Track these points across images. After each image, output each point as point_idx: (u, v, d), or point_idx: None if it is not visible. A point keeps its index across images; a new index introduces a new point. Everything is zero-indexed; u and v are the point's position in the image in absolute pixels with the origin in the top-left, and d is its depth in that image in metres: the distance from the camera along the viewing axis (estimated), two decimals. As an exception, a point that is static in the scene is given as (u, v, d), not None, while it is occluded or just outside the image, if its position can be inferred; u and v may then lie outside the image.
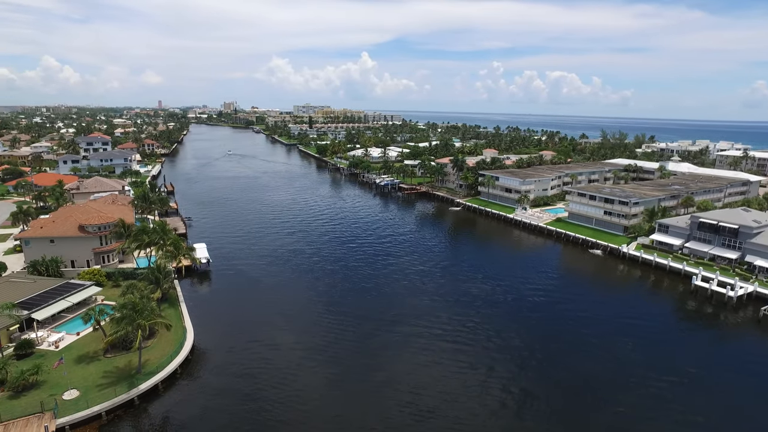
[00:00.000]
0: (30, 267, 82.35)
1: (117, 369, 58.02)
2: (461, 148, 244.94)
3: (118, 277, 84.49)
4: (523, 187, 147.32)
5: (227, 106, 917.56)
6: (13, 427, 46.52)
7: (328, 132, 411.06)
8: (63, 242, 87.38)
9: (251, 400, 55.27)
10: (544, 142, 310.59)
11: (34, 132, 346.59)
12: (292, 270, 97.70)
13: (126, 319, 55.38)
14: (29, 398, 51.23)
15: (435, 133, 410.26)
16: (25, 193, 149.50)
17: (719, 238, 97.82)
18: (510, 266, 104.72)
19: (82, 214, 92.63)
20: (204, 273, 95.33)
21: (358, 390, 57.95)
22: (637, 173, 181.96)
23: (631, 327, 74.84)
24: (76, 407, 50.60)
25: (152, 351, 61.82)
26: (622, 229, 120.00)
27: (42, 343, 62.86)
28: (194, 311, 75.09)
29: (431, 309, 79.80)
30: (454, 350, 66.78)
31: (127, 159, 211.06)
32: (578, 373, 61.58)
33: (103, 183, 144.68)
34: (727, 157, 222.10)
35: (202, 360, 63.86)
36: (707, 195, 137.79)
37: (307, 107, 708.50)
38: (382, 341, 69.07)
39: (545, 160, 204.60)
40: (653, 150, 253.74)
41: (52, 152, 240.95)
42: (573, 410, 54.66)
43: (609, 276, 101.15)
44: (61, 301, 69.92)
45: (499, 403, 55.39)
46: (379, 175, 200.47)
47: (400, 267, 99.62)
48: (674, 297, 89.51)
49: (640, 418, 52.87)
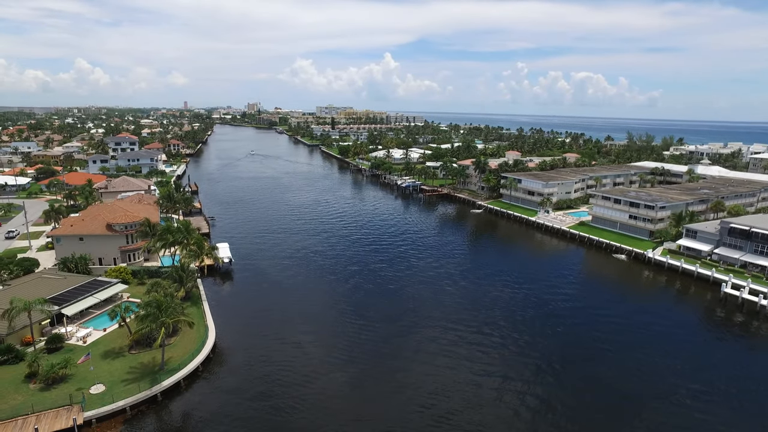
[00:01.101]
0: (60, 264, 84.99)
1: (141, 365, 59.35)
2: (483, 149, 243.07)
3: (143, 275, 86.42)
4: (546, 189, 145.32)
5: (251, 107, 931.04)
6: (45, 418, 48.07)
7: (350, 133, 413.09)
8: (92, 240, 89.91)
9: (270, 398, 55.83)
10: (568, 144, 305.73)
11: (66, 132, 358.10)
12: (314, 270, 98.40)
13: (150, 317, 56.60)
14: (58, 391, 52.86)
15: (457, 134, 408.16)
16: (57, 192, 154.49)
17: (751, 244, 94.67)
18: (533, 270, 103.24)
19: (110, 213, 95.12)
20: (226, 272, 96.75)
21: (377, 392, 57.95)
22: (664, 176, 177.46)
23: (658, 335, 73.07)
24: (102, 401, 52.00)
25: (175, 348, 63.02)
26: (647, 234, 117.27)
27: (71, 337, 64.77)
28: (216, 310, 76.29)
29: (452, 312, 79.34)
30: (476, 355, 66.20)
31: (153, 159, 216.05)
32: (605, 382, 60.34)
33: (129, 182, 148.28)
34: (762, 160, 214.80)
35: (224, 358, 64.81)
36: (739, 199, 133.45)
37: (330, 108, 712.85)
38: (402, 344, 68.98)
39: (569, 162, 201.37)
40: (682, 153, 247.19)
41: (83, 152, 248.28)
42: (599, 421, 53.62)
43: (634, 282, 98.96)
44: (89, 298, 71.97)
45: (520, 410, 54.69)
46: (401, 177, 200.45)
47: (422, 269, 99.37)
48: (702, 304, 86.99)
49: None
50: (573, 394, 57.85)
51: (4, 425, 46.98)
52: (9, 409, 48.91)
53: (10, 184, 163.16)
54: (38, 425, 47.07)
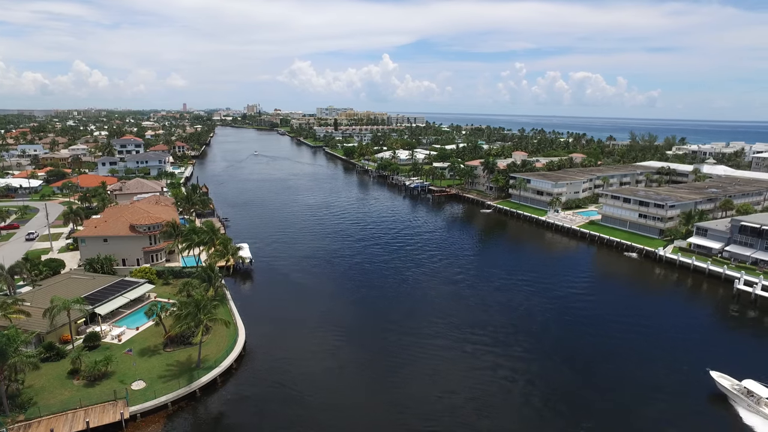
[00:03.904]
0: (86, 264, 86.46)
1: (177, 362, 60.89)
2: (489, 150, 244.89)
3: (168, 275, 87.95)
4: (556, 189, 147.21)
5: (250, 109, 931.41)
6: (93, 412, 49.69)
7: (354, 134, 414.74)
8: (115, 241, 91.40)
9: (299, 397, 57.43)
10: (572, 144, 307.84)
11: (69, 135, 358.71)
12: (332, 270, 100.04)
13: (189, 316, 58.15)
14: (102, 387, 54.43)
15: (459, 135, 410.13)
16: (70, 194, 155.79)
17: (762, 241, 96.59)
18: (546, 269, 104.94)
19: (132, 215, 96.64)
20: (246, 272, 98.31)
21: (400, 395, 59.23)
22: (670, 176, 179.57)
23: (673, 329, 74.88)
24: (145, 397, 53.59)
25: (208, 346, 64.50)
26: (657, 232, 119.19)
27: (105, 336, 66.29)
28: (242, 309, 77.84)
29: (468, 313, 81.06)
30: (498, 357, 67.85)
31: (161, 161, 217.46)
32: (624, 381, 62.08)
33: (144, 184, 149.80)
34: (765, 159, 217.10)
35: (254, 355, 66.39)
36: (746, 198, 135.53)
37: (331, 109, 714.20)
38: (422, 347, 70.08)
39: (575, 162, 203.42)
40: (685, 152, 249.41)
41: (90, 154, 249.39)
42: (618, 422, 55.36)
43: (646, 279, 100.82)
44: (119, 298, 73.52)
45: (544, 404, 56.46)
46: (409, 177, 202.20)
47: (440, 269, 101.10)
48: (715, 301, 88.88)
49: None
50: (594, 395, 59.57)
51: (57, 418, 48.61)
52: (59, 404, 50.56)
53: (24, 187, 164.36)
54: (88, 419, 48.67)
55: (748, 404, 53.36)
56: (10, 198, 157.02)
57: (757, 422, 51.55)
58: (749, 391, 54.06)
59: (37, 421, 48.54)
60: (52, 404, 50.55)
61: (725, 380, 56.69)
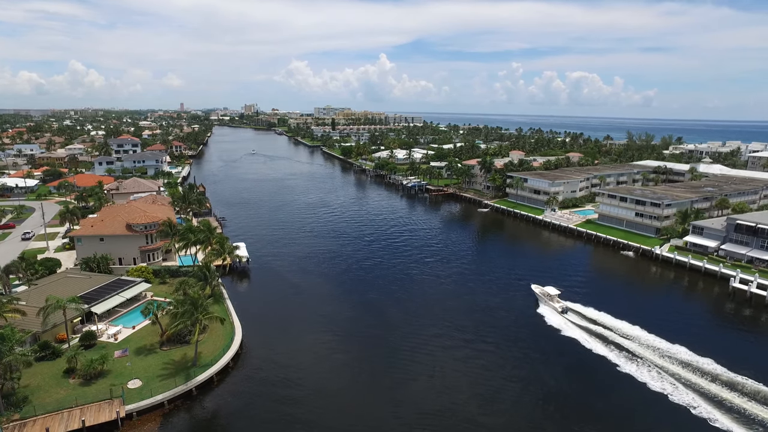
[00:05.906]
0: (82, 264, 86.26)
1: (173, 361, 60.79)
2: (486, 150, 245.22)
3: (164, 274, 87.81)
4: (553, 188, 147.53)
5: (248, 108, 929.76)
6: (89, 411, 49.58)
7: (351, 134, 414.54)
8: (112, 240, 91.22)
9: (295, 395, 57.45)
10: (569, 143, 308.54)
11: (66, 134, 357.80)
12: (329, 269, 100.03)
13: (186, 314, 58.07)
14: (98, 386, 54.30)
15: (457, 134, 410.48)
16: (67, 194, 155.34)
17: (758, 240, 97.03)
18: (543, 267, 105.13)
19: (128, 214, 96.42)
20: (243, 271, 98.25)
21: (398, 393, 59.38)
22: (666, 175, 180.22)
23: (673, 324, 75.15)
24: (141, 395, 53.49)
25: (204, 345, 64.39)
26: (654, 231, 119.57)
27: (102, 335, 66.12)
28: (239, 307, 77.77)
29: (464, 311, 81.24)
30: (495, 356, 68.08)
31: (158, 161, 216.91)
32: (624, 381, 62.34)
33: (140, 184, 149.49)
34: (761, 158, 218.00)
35: (251, 354, 66.33)
36: (742, 197, 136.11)
37: (328, 109, 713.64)
38: (419, 345, 70.14)
39: (572, 162, 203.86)
40: (681, 152, 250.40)
41: (87, 154, 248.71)
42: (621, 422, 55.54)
43: (643, 277, 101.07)
44: (115, 297, 73.36)
45: (544, 402, 56.62)
46: (406, 177, 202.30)
47: (438, 267, 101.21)
48: (711, 299, 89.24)
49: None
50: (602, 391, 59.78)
51: (52, 417, 48.49)
52: (55, 403, 50.44)
53: (20, 186, 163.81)
54: (84, 417, 48.55)
55: (545, 301, 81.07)
56: (6, 198, 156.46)
57: (547, 310, 79.10)
58: (547, 293, 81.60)
59: (32, 420, 48.42)
60: (47, 403, 50.43)
61: (537, 288, 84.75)
